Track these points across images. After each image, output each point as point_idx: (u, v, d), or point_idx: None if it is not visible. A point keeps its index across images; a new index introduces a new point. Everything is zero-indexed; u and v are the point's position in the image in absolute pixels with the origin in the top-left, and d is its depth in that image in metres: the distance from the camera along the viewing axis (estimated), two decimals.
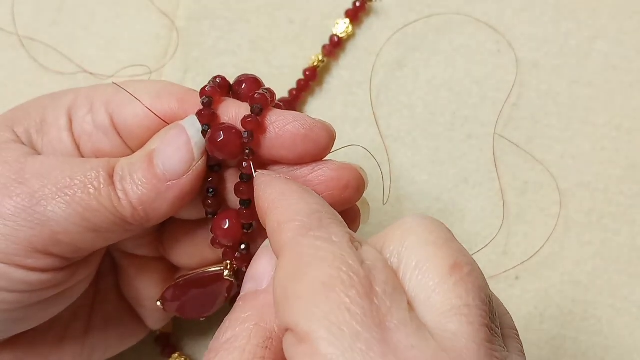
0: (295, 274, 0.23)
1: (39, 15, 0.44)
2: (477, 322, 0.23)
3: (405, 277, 0.24)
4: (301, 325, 0.22)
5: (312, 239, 0.24)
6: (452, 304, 0.23)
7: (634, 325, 0.40)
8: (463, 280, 0.24)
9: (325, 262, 0.23)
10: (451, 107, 0.42)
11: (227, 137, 0.28)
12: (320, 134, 0.29)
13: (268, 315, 0.26)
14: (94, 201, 0.28)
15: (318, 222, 0.25)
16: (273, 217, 0.26)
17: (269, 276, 0.27)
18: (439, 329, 0.23)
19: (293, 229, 0.24)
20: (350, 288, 0.22)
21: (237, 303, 0.27)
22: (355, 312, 0.22)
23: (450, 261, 0.24)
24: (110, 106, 0.30)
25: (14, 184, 0.28)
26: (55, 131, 0.30)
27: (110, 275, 0.35)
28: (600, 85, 0.42)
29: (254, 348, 0.25)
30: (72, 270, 0.30)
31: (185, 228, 0.33)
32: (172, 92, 0.30)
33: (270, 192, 0.27)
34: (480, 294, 0.24)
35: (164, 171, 0.29)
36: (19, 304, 0.29)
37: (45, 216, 0.28)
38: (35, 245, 0.28)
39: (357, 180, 0.29)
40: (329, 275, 0.22)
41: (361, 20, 0.43)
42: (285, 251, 0.24)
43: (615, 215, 0.41)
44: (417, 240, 0.25)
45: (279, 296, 0.23)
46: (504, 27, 0.43)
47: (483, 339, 0.23)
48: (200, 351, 0.40)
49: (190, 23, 0.43)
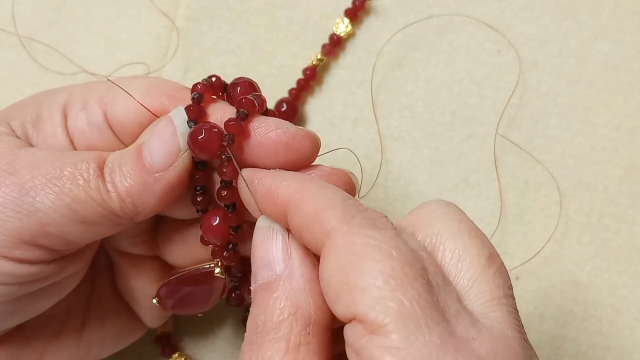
0: (353, 265, 0.23)
1: (39, 15, 0.44)
2: (514, 310, 0.25)
3: (443, 266, 0.25)
4: (373, 317, 0.22)
5: (359, 227, 0.24)
6: (494, 294, 0.25)
7: (634, 325, 0.40)
8: (499, 271, 0.25)
9: (382, 252, 0.23)
10: (451, 107, 0.42)
11: (208, 136, 0.28)
12: (303, 143, 0.28)
13: (302, 302, 0.26)
14: (82, 192, 0.28)
15: (356, 208, 0.25)
16: (304, 207, 0.25)
17: (282, 260, 0.27)
18: (483, 317, 0.24)
19: (335, 217, 0.24)
20: (414, 280, 0.23)
21: (261, 293, 0.27)
22: (424, 305, 0.23)
23: (486, 252, 0.25)
24: (103, 102, 0.30)
25: (4, 174, 0.28)
26: (50, 127, 0.31)
27: (107, 273, 0.36)
28: (600, 85, 0.42)
29: (297, 336, 0.25)
30: (61, 263, 0.30)
31: (178, 227, 0.33)
32: (162, 88, 0.30)
33: (286, 183, 0.27)
34: (509, 284, 0.26)
35: (151, 162, 0.29)
36: (7, 297, 0.29)
37: (34, 207, 0.28)
38: (24, 237, 0.28)
39: (347, 185, 0.29)
40: (391, 267, 0.23)
41: (361, 20, 0.43)
42: (333, 242, 0.24)
43: (615, 215, 0.41)
44: (449, 229, 0.26)
45: (335, 286, 0.24)
46: (504, 27, 0.43)
47: (520, 327, 0.25)
48: (200, 351, 0.40)
49: (190, 23, 0.43)
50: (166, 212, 0.32)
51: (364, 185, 0.40)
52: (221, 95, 0.31)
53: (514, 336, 0.24)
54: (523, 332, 0.25)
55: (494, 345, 0.23)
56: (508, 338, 0.24)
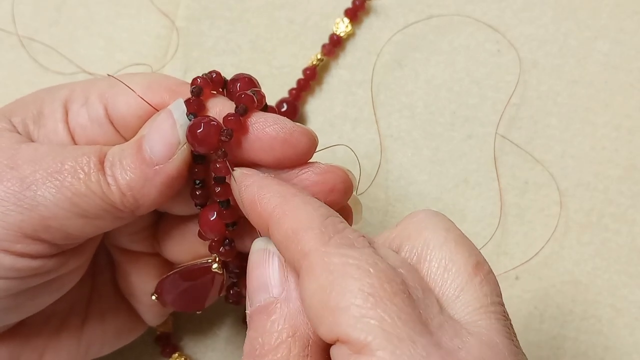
0: (332, 285, 0.23)
1: (39, 15, 0.44)
2: (503, 318, 0.25)
3: (429, 275, 0.25)
4: (356, 336, 0.22)
5: (336, 248, 0.24)
6: (481, 302, 0.24)
7: (634, 325, 0.40)
8: (486, 279, 0.25)
9: (361, 270, 0.23)
10: (451, 107, 0.42)
11: (206, 129, 0.28)
12: (300, 139, 0.28)
13: (300, 324, 0.26)
14: (83, 186, 0.28)
15: (334, 228, 0.25)
16: (284, 224, 0.25)
17: (279, 283, 0.27)
18: (471, 326, 0.24)
19: (313, 238, 0.24)
20: (394, 296, 0.23)
21: (258, 317, 0.27)
22: (406, 319, 0.22)
23: (473, 260, 0.25)
24: (104, 97, 0.30)
25: (5, 169, 0.28)
26: (52, 123, 0.31)
27: (107, 270, 0.36)
28: (600, 85, 0.42)
29: (296, 358, 0.25)
30: (62, 258, 0.30)
31: (178, 224, 0.33)
32: (163, 83, 0.30)
33: (269, 196, 0.27)
34: (498, 291, 0.25)
35: (151, 155, 0.29)
36: (8, 292, 0.29)
37: (35, 201, 0.28)
38: (25, 230, 0.28)
39: (344, 182, 0.29)
40: (369, 285, 0.23)
41: (361, 20, 0.43)
42: (311, 263, 0.24)
43: (615, 215, 0.41)
44: (436, 238, 0.26)
45: (317, 308, 0.24)
46: (504, 27, 0.43)
47: (509, 334, 0.24)
48: (200, 351, 0.40)
49: (190, 23, 0.43)
50: (166, 208, 0.32)
51: (363, 185, 0.40)
52: (221, 91, 0.31)
53: (502, 343, 0.24)
54: (513, 338, 0.25)
55: (481, 353, 0.23)
56: (496, 345, 0.23)
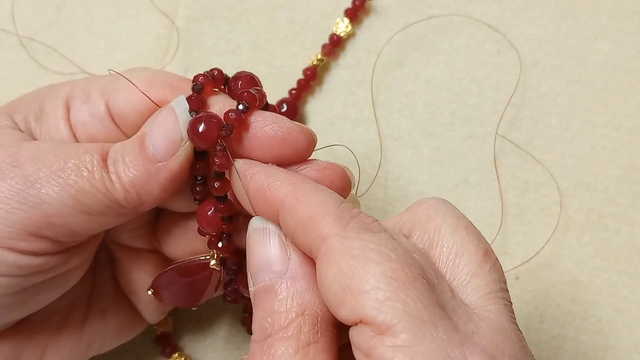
0: (354, 269, 0.24)
1: (39, 15, 0.44)
2: (509, 303, 0.26)
3: (441, 260, 0.26)
4: (381, 318, 0.23)
5: (355, 232, 0.25)
6: (491, 288, 0.25)
7: (634, 325, 0.40)
8: (495, 267, 0.26)
9: (382, 255, 0.24)
10: (451, 107, 0.42)
11: (207, 125, 0.28)
12: (299, 138, 0.29)
13: (308, 302, 0.26)
14: (87, 184, 0.28)
15: (349, 213, 0.25)
16: (299, 210, 0.26)
17: (281, 262, 0.27)
18: (481, 310, 0.25)
19: (330, 223, 0.25)
20: (415, 280, 0.24)
21: (263, 296, 0.27)
22: (427, 303, 0.23)
23: (482, 248, 0.26)
24: (105, 94, 0.31)
25: (8, 167, 0.28)
26: (53, 120, 0.31)
27: (108, 267, 0.36)
28: (600, 85, 0.42)
29: (307, 335, 0.25)
30: (66, 255, 0.30)
31: (178, 220, 0.33)
32: (164, 79, 0.31)
33: (279, 183, 0.27)
34: (504, 278, 0.26)
35: (154, 152, 0.29)
36: (11, 289, 0.29)
37: (39, 199, 0.28)
38: (29, 228, 0.28)
39: (342, 180, 0.29)
40: (391, 269, 0.24)
41: (361, 20, 0.43)
42: (330, 247, 0.24)
43: (615, 215, 0.41)
44: (448, 225, 0.27)
45: (338, 291, 0.24)
46: (504, 27, 0.43)
47: (514, 318, 0.25)
48: (200, 351, 0.40)
49: (190, 23, 0.43)
50: (166, 204, 0.32)
51: (363, 185, 0.40)
52: (223, 89, 0.31)
53: (510, 327, 0.25)
54: (517, 323, 0.26)
55: (493, 337, 0.24)
56: (506, 329, 0.24)
